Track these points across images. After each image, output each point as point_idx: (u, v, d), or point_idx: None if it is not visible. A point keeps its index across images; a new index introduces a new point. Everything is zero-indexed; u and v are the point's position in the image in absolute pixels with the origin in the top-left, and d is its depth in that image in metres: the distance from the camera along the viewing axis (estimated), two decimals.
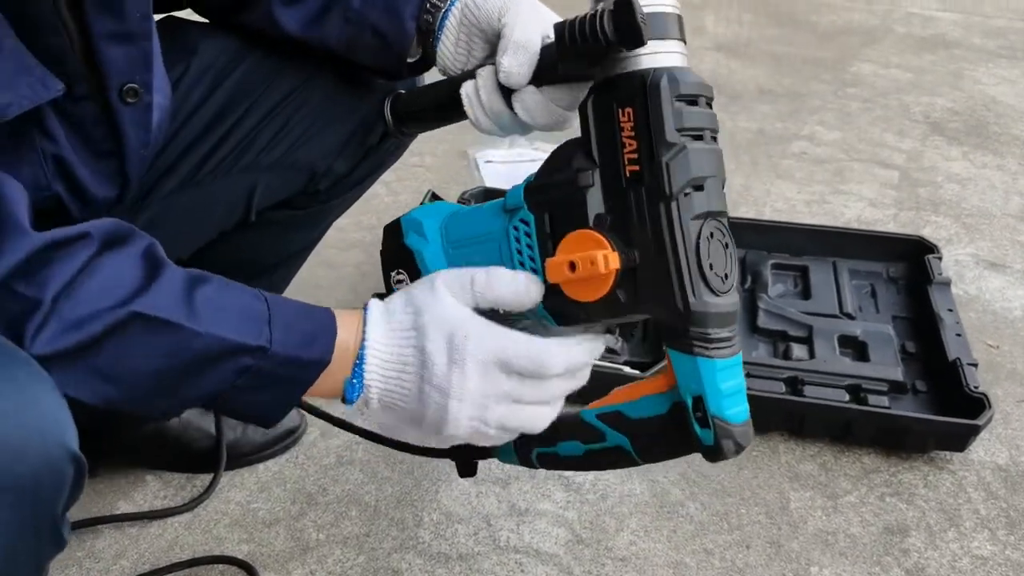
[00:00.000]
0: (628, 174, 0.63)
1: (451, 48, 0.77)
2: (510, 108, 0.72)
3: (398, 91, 0.81)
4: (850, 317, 1.39)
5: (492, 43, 0.75)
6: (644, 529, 1.07)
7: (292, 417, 1.18)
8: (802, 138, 2.17)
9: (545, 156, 0.71)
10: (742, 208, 1.82)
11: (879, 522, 1.08)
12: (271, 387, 0.62)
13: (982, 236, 1.73)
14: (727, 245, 0.64)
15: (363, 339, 0.64)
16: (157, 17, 0.87)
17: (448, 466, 1.15)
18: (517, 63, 0.70)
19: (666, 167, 0.61)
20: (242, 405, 0.63)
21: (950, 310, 1.36)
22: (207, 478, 1.11)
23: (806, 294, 1.46)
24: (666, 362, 0.66)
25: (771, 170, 2.00)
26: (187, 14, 0.89)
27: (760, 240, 1.57)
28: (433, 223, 0.73)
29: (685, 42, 0.64)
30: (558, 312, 0.67)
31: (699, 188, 0.62)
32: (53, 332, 0.54)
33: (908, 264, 1.51)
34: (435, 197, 1.51)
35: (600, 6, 0.61)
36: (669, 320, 0.63)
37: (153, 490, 1.11)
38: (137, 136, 0.71)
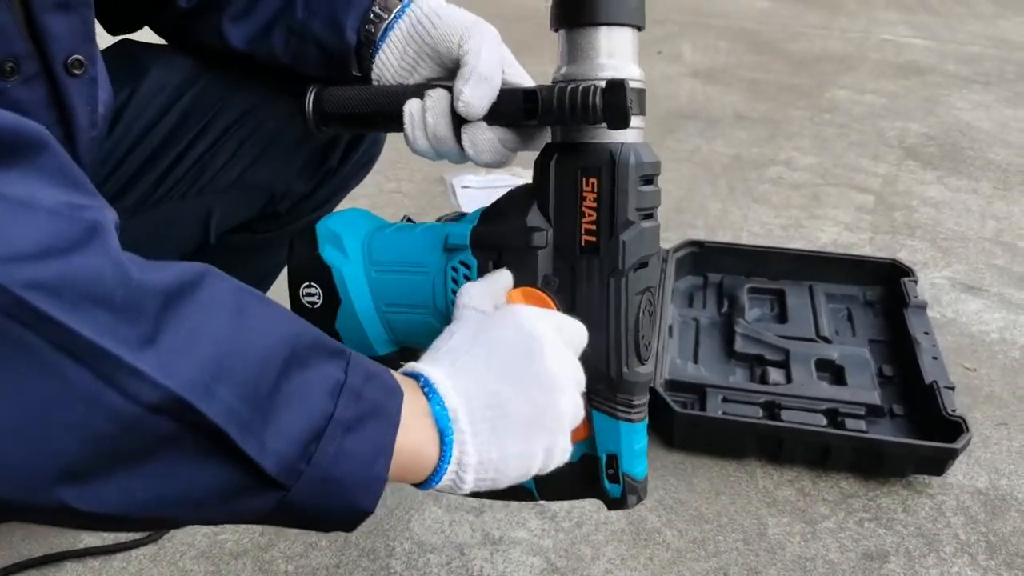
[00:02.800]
0: (584, 243, 0.65)
1: (394, 62, 0.75)
2: (455, 137, 0.70)
3: (323, 86, 0.78)
4: (827, 341, 1.39)
5: (443, 65, 0.74)
6: (620, 557, 1.05)
7: None
8: (778, 163, 2.18)
9: (522, 182, 0.70)
10: (719, 233, 1.82)
11: (858, 548, 1.07)
12: (364, 423, 0.51)
13: (958, 259, 1.74)
14: (652, 313, 0.68)
15: (423, 379, 0.56)
16: (112, 40, 0.86)
17: (422, 494, 1.13)
18: (479, 95, 0.68)
19: (623, 245, 0.64)
20: (342, 460, 0.49)
21: (926, 333, 1.35)
22: None
23: (783, 318, 1.46)
24: (583, 416, 0.68)
25: (747, 195, 2.00)
26: (143, 36, 0.88)
27: (737, 264, 1.57)
28: (354, 238, 0.72)
29: (645, 114, 0.66)
30: None
31: (644, 265, 0.66)
32: None
33: (884, 287, 1.51)
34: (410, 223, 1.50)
35: (584, 81, 0.62)
36: (600, 385, 0.67)
37: None
38: (85, 114, 0.68)
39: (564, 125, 0.65)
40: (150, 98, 0.81)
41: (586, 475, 0.70)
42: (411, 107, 0.71)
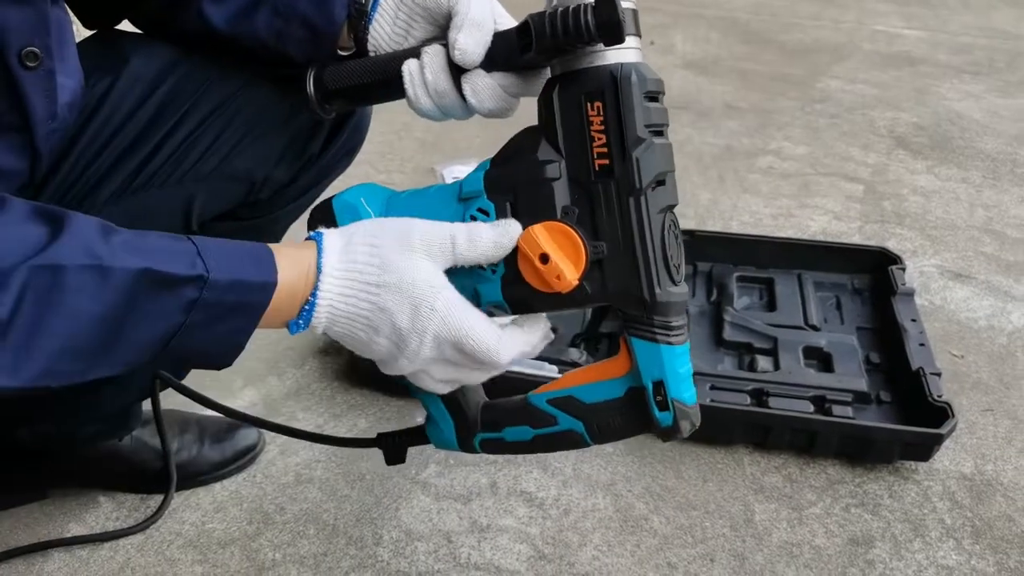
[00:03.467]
0: (597, 168, 0.65)
1: (388, 28, 0.75)
2: (456, 89, 0.71)
3: (322, 64, 0.78)
4: (815, 329, 1.39)
5: (435, 23, 0.74)
6: (607, 544, 1.05)
7: (250, 435, 1.16)
8: (769, 153, 2.18)
9: None
10: (709, 222, 1.82)
11: (844, 533, 1.07)
12: (225, 318, 0.62)
13: (947, 248, 1.74)
14: (678, 236, 0.68)
15: (316, 280, 0.64)
16: (89, 33, 0.86)
17: (410, 483, 1.13)
18: (473, 42, 0.68)
19: (637, 162, 0.63)
20: (199, 344, 0.63)
21: (914, 320, 1.36)
22: (161, 498, 1.08)
23: (771, 306, 1.46)
24: (621, 348, 0.69)
25: (738, 185, 2.00)
26: (123, 25, 0.88)
27: (726, 253, 1.57)
28: (371, 207, 0.72)
29: (641, 35, 0.66)
30: (518, 300, 0.68)
31: (662, 183, 0.65)
32: None
33: (872, 275, 1.52)
34: None
35: (575, 2, 0.62)
36: (635, 310, 0.66)
37: (106, 512, 1.09)
38: (43, 106, 0.68)
39: (560, 51, 0.64)
40: (130, 87, 0.81)
41: (634, 409, 0.69)
42: (409, 66, 0.71)
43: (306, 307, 0.65)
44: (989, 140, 2.27)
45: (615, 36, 0.61)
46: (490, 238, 0.65)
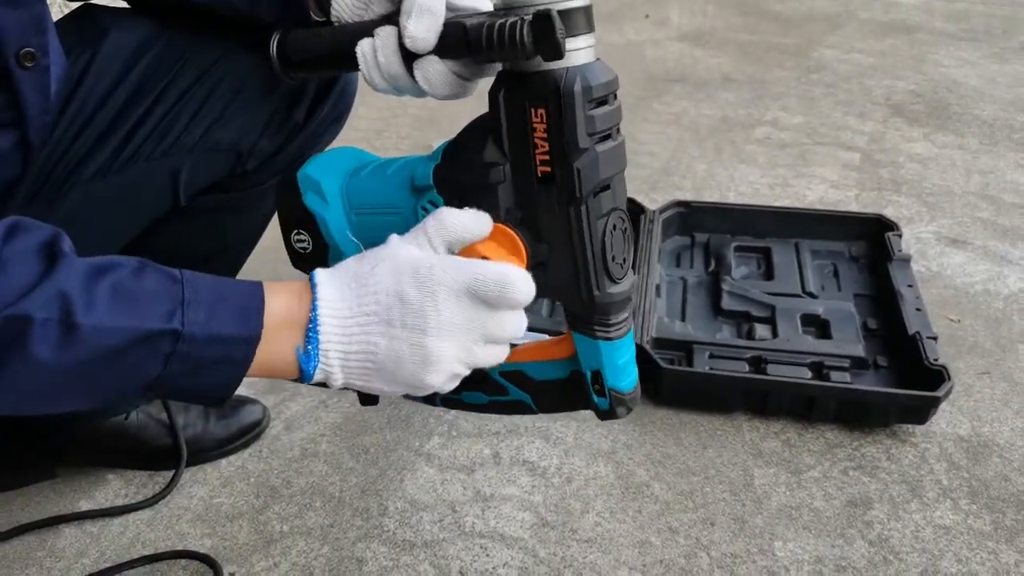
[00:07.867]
0: (540, 175, 0.65)
1: (348, 1, 0.75)
2: (408, 72, 0.69)
3: (284, 32, 0.77)
4: (812, 296, 1.40)
5: (393, 0, 0.73)
6: (610, 510, 1.07)
7: (255, 411, 1.18)
8: (765, 123, 2.18)
9: None
10: (706, 193, 1.83)
11: (842, 495, 1.09)
12: (206, 369, 0.60)
13: (943, 214, 1.75)
14: (625, 230, 0.68)
15: (313, 299, 0.62)
16: (73, 5, 0.87)
17: (414, 455, 1.15)
18: (423, 28, 0.66)
19: (577, 173, 0.63)
20: (183, 390, 0.62)
21: (910, 286, 1.37)
22: (169, 475, 1.10)
23: (769, 275, 1.47)
24: (567, 333, 0.72)
25: (735, 156, 2.01)
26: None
27: (723, 223, 1.58)
28: (333, 184, 0.73)
29: (594, 30, 0.64)
30: None
31: (606, 188, 0.65)
32: None
33: (869, 242, 1.52)
34: None
35: (516, 16, 0.61)
36: (575, 309, 0.68)
37: (115, 488, 1.10)
38: (37, 102, 0.69)
39: (495, 59, 0.64)
40: (110, 61, 0.81)
41: (577, 389, 0.72)
42: (363, 47, 0.70)
43: (310, 326, 0.62)
44: (986, 106, 2.27)
45: (553, 54, 0.60)
46: (458, 219, 0.65)
